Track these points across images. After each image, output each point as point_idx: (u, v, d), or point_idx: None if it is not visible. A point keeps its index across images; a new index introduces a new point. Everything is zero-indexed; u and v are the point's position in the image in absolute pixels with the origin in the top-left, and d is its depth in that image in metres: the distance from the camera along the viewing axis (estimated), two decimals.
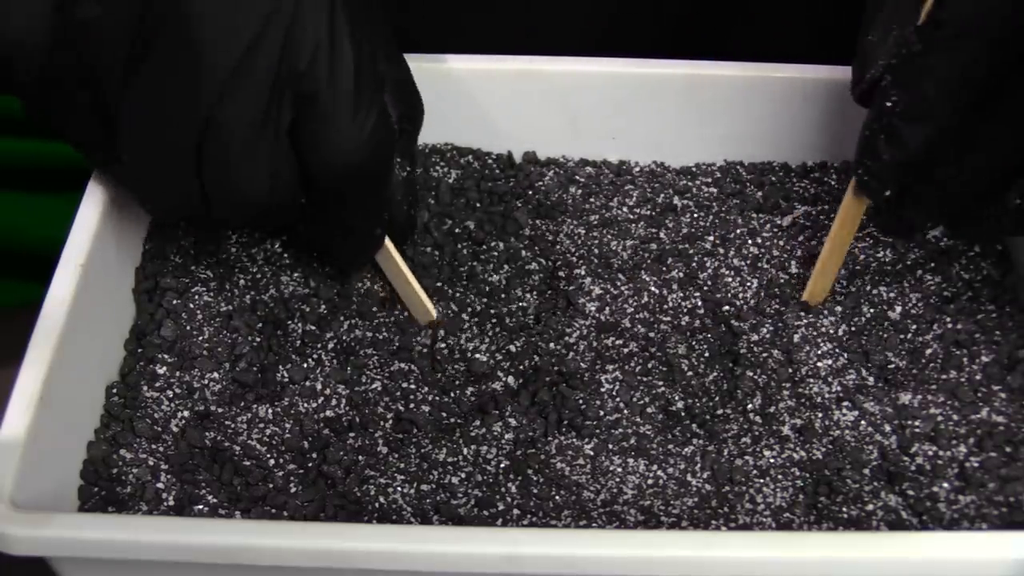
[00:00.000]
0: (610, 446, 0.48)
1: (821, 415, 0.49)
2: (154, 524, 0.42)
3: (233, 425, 0.49)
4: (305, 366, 0.51)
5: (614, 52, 0.59)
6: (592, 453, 0.48)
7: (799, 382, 0.51)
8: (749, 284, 0.54)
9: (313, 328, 0.52)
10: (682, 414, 0.50)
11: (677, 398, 0.50)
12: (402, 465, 0.48)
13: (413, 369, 0.51)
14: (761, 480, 0.47)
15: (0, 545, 0.41)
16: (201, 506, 0.47)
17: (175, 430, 0.49)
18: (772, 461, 0.48)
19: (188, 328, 0.52)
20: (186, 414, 0.49)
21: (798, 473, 0.48)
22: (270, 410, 0.49)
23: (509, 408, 0.50)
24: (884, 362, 0.51)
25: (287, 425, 0.49)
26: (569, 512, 0.46)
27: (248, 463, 0.48)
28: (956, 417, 0.49)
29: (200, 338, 0.51)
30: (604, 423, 0.49)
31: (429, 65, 0.57)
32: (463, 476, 0.48)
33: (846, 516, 0.46)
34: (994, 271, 0.54)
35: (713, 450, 0.48)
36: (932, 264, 0.55)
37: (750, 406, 0.50)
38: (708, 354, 0.52)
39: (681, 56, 0.59)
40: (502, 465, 0.48)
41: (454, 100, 0.58)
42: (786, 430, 0.49)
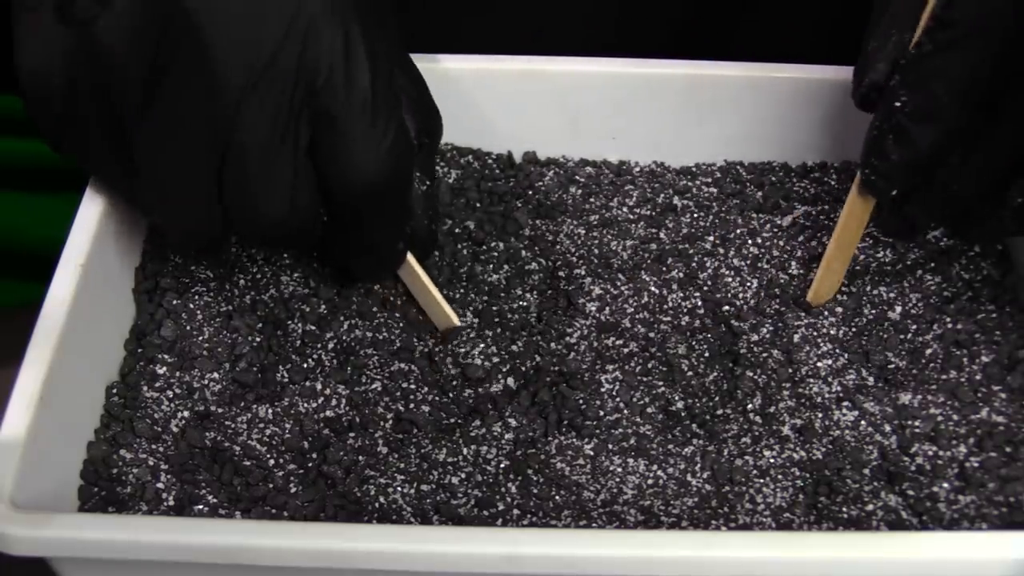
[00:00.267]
0: (610, 446, 0.48)
1: (821, 415, 0.49)
2: (154, 524, 0.42)
3: (233, 425, 0.49)
4: (305, 366, 0.51)
5: (616, 54, 0.59)
6: (592, 453, 0.48)
7: (799, 382, 0.51)
8: (749, 284, 0.54)
9: (313, 328, 0.52)
10: (682, 414, 0.49)
11: (677, 398, 0.50)
12: (402, 465, 0.48)
13: (413, 369, 0.51)
14: (761, 480, 0.47)
15: (0, 545, 0.41)
16: (201, 506, 0.47)
17: (175, 430, 0.49)
18: (772, 461, 0.48)
19: (188, 328, 0.52)
20: (186, 414, 0.49)
21: (798, 473, 0.48)
22: (270, 410, 0.49)
23: (509, 408, 0.50)
24: (884, 362, 0.51)
25: (287, 425, 0.49)
26: (569, 512, 0.46)
27: (248, 463, 0.48)
28: (956, 417, 0.49)
29: (200, 338, 0.51)
30: (604, 423, 0.49)
31: (429, 65, 0.57)
32: (463, 476, 0.48)
33: (846, 516, 0.46)
34: (994, 271, 0.54)
35: (713, 450, 0.48)
36: (932, 264, 0.55)
37: (750, 406, 0.50)
38: (708, 354, 0.51)
39: (683, 58, 0.59)
40: (502, 465, 0.48)
41: (454, 100, 0.58)
42: (786, 430, 0.49)
